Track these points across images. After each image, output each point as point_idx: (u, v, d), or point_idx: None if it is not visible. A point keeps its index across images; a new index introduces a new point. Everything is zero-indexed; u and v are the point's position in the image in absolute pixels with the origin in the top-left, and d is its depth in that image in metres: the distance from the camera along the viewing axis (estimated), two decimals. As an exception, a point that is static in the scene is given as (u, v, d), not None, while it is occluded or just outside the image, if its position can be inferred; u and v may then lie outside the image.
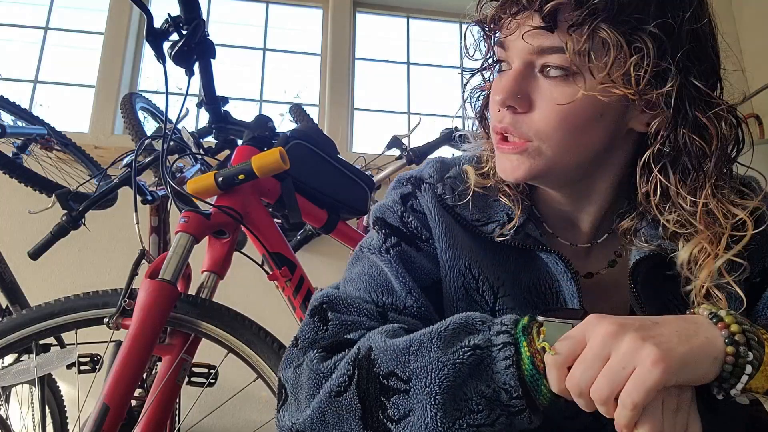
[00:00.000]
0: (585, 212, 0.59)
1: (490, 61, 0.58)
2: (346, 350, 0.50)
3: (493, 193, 0.60)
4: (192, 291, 0.94)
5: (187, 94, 0.92)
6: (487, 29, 0.54)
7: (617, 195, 0.58)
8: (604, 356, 0.39)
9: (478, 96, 0.62)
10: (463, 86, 0.63)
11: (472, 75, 0.61)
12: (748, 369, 0.39)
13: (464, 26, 0.59)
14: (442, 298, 0.59)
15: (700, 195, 0.49)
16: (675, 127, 0.49)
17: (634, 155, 0.55)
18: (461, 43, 0.59)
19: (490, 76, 0.60)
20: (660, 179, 0.51)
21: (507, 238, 0.57)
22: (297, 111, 1.77)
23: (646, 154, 0.51)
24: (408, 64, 2.53)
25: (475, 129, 0.64)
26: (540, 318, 0.45)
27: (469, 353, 0.44)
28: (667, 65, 0.47)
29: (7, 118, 1.52)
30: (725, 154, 0.50)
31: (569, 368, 0.41)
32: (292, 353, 0.53)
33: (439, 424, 0.43)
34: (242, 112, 2.27)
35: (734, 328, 0.40)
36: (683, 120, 0.49)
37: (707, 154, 0.49)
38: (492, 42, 0.55)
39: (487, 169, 0.61)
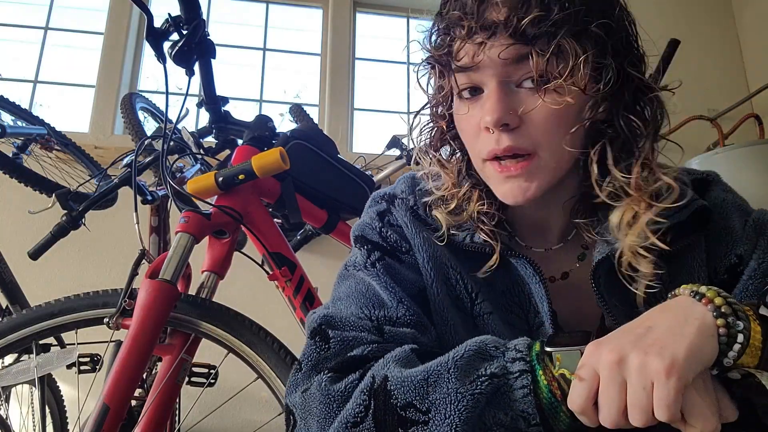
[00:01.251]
0: (556, 216, 0.60)
1: (446, 93, 0.57)
2: (356, 372, 0.50)
3: (469, 231, 0.59)
4: (192, 291, 0.94)
5: (187, 94, 0.92)
6: (447, 61, 0.54)
7: (581, 191, 0.59)
8: (621, 382, 0.40)
9: (429, 132, 0.62)
10: (410, 127, 0.63)
11: (420, 110, 0.62)
12: (740, 338, 0.40)
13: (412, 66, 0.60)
14: (429, 305, 0.60)
15: (635, 167, 0.53)
16: (613, 112, 0.53)
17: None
18: (418, 83, 0.60)
19: (440, 111, 0.60)
20: (598, 156, 0.54)
21: (479, 248, 0.58)
22: (297, 111, 1.77)
23: (581, 135, 0.53)
24: (408, 64, 2.53)
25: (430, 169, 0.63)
26: (548, 349, 0.45)
27: (486, 382, 0.45)
28: (607, 61, 0.51)
29: (7, 118, 1.52)
30: (656, 131, 0.55)
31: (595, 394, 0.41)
32: (297, 378, 0.53)
33: None
34: (242, 112, 2.27)
35: (718, 301, 0.41)
36: (621, 105, 0.53)
37: (643, 133, 0.53)
38: (451, 72, 0.55)
39: (454, 206, 0.60)
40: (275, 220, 1.03)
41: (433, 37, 0.56)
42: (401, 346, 0.52)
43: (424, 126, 0.63)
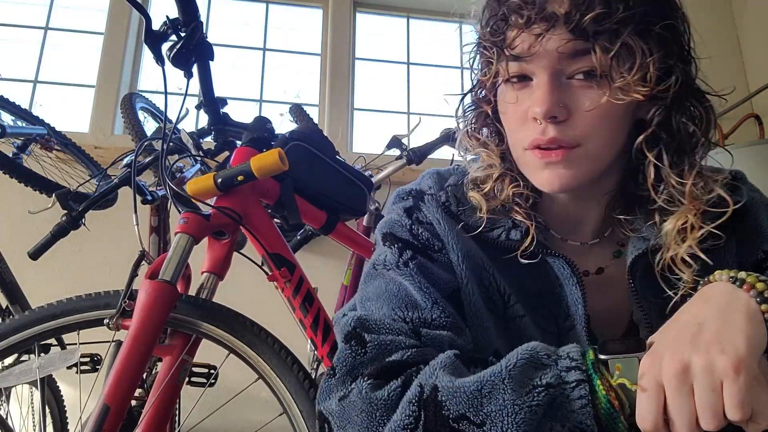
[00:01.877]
0: (593, 210, 0.60)
1: (497, 78, 0.57)
2: (397, 378, 0.49)
3: (503, 215, 0.59)
4: (192, 292, 0.94)
5: (186, 96, 0.92)
6: (501, 47, 0.53)
7: (620, 187, 0.59)
8: (689, 390, 0.39)
9: (474, 114, 0.62)
10: (456, 109, 0.63)
11: (468, 92, 0.61)
12: None
13: (466, 47, 0.59)
14: (463, 305, 0.58)
15: (689, 175, 0.52)
16: (671, 116, 0.52)
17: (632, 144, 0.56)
18: (461, 67, 0.61)
19: (484, 94, 0.60)
20: (655, 161, 0.53)
21: (516, 245, 0.57)
22: (297, 111, 1.77)
23: (640, 138, 0.53)
24: (408, 64, 2.53)
25: (464, 151, 0.63)
26: (603, 357, 0.44)
27: (543, 393, 0.44)
28: (672, 62, 0.50)
29: (7, 118, 1.52)
30: (708, 139, 0.54)
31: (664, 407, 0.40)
32: (330, 384, 0.52)
33: None
34: (242, 112, 2.27)
35: (760, 286, 0.41)
36: (680, 109, 0.52)
37: (698, 139, 0.53)
38: (503, 59, 0.54)
39: (488, 189, 0.59)
40: (274, 220, 1.03)
41: (489, 22, 0.55)
42: (444, 352, 0.50)
43: (467, 107, 0.62)
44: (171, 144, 1.06)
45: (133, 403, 1.14)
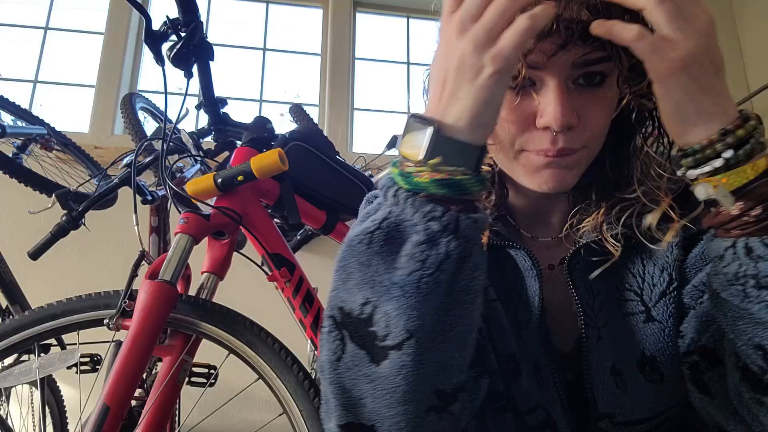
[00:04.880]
0: (559, 205, 0.60)
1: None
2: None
3: None
4: (192, 292, 0.94)
5: (186, 95, 0.92)
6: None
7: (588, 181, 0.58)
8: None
9: None
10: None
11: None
12: (728, 153, 0.39)
13: None
14: None
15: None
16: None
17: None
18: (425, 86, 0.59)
19: None
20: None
21: None
22: (297, 111, 1.77)
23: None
24: (408, 64, 2.53)
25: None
26: (397, 150, 0.44)
27: (375, 229, 0.44)
28: None
29: (7, 118, 1.52)
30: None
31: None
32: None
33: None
34: (242, 112, 2.28)
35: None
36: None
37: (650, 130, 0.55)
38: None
39: None
40: (274, 220, 1.03)
41: None
42: None
43: None
44: (171, 144, 1.06)
45: (133, 403, 1.14)
